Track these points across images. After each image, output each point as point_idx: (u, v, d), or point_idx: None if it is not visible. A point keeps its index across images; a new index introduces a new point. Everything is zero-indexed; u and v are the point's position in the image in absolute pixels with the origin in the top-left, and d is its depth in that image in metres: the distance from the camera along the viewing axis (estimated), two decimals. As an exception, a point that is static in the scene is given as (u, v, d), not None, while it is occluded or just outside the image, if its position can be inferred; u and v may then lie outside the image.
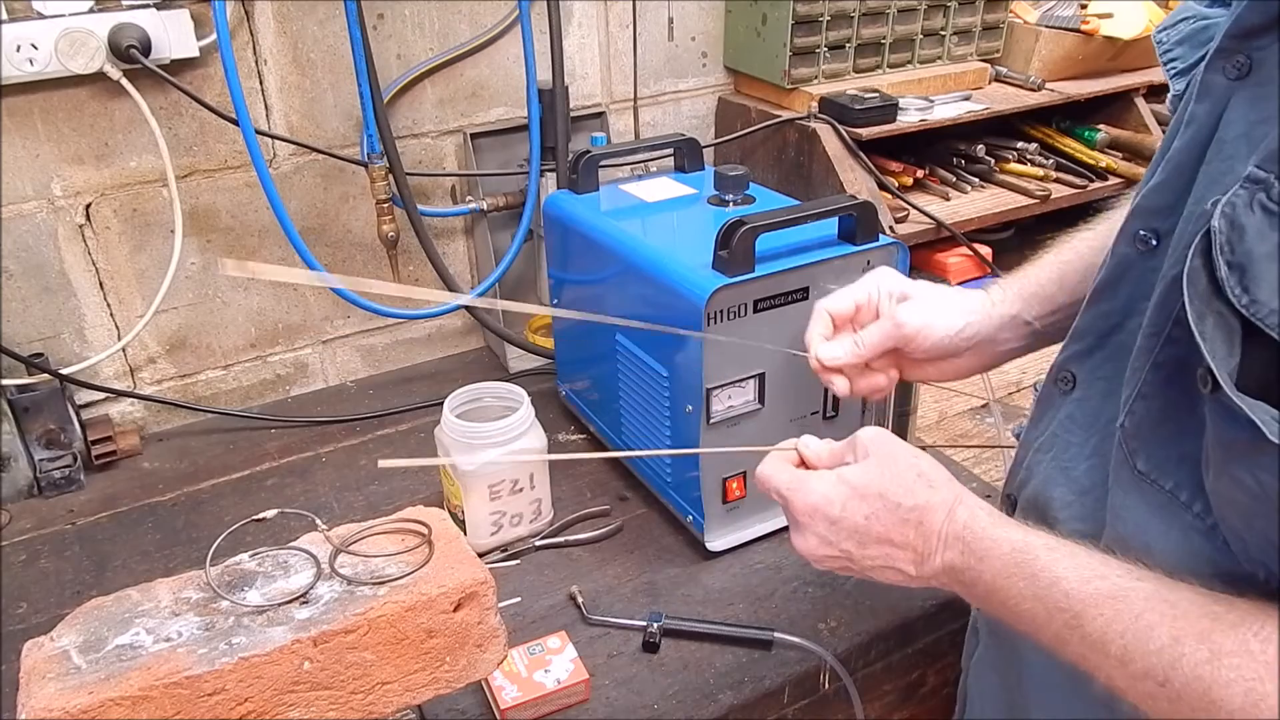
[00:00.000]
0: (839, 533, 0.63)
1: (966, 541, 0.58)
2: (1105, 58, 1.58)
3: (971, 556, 0.58)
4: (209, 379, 1.29)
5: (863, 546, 0.62)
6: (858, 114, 1.33)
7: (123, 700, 0.57)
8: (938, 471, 0.63)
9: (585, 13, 1.36)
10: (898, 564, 0.62)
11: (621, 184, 1.17)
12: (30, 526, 1.08)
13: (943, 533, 0.60)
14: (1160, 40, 0.63)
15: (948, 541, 0.59)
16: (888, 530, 0.61)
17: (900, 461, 0.63)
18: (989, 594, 0.57)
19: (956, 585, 0.60)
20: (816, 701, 0.88)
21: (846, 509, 0.62)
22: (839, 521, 0.63)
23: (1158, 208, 0.56)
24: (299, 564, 0.68)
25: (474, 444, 0.96)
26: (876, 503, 0.62)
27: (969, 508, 0.60)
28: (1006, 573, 0.56)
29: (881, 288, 0.76)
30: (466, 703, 0.82)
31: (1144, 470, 0.55)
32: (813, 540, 0.64)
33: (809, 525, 0.64)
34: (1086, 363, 0.63)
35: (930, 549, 0.60)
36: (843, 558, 0.63)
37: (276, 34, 1.17)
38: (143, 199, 1.16)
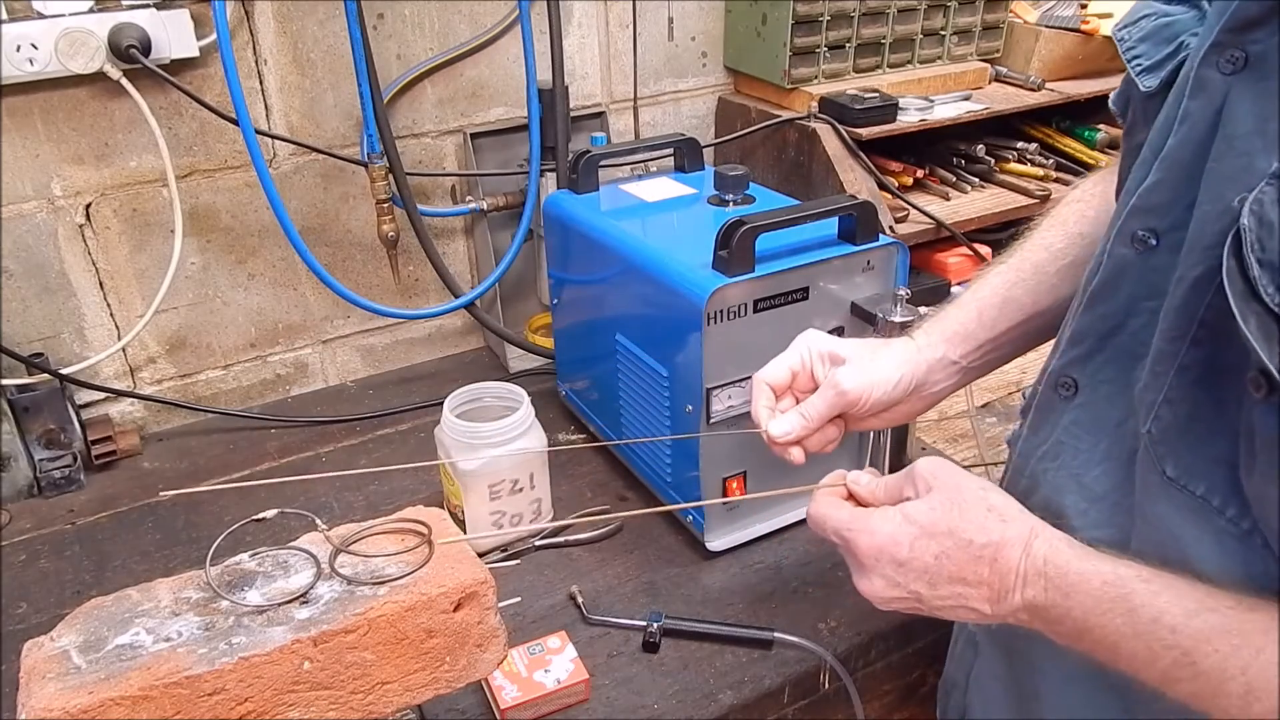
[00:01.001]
0: (907, 574, 0.59)
1: (1049, 577, 0.55)
2: (1105, 58, 1.58)
3: (1056, 593, 0.55)
4: (209, 379, 1.29)
5: (933, 587, 0.59)
6: (858, 114, 1.33)
7: (123, 700, 0.57)
8: (1008, 503, 0.59)
9: (585, 13, 1.36)
10: (971, 603, 0.58)
11: (621, 184, 1.17)
12: (30, 526, 1.08)
13: (1021, 569, 0.56)
14: (1121, 37, 0.63)
15: (1027, 578, 0.56)
16: (960, 569, 0.58)
17: (967, 494, 0.59)
18: (1080, 632, 0.54)
19: (1039, 623, 0.57)
20: (816, 701, 0.88)
21: (915, 549, 0.59)
22: (907, 563, 0.59)
23: (1156, 206, 0.56)
24: (299, 564, 0.68)
25: (474, 444, 0.96)
26: (946, 541, 0.58)
27: (1047, 540, 0.56)
28: (1100, 609, 0.53)
29: (812, 350, 0.77)
30: (466, 703, 0.82)
31: (1173, 476, 0.54)
32: (879, 583, 0.61)
33: (874, 568, 0.61)
34: (1088, 366, 0.63)
35: (1007, 586, 0.57)
36: (912, 599, 0.60)
37: (276, 34, 1.17)
38: (143, 199, 1.16)
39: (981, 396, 1.27)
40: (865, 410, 0.75)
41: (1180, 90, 0.54)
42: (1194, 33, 0.57)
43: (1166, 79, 0.58)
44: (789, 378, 0.76)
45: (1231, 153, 0.49)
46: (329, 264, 1.26)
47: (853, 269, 0.95)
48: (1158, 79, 0.58)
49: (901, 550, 0.59)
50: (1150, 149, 0.57)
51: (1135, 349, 0.58)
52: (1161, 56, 0.59)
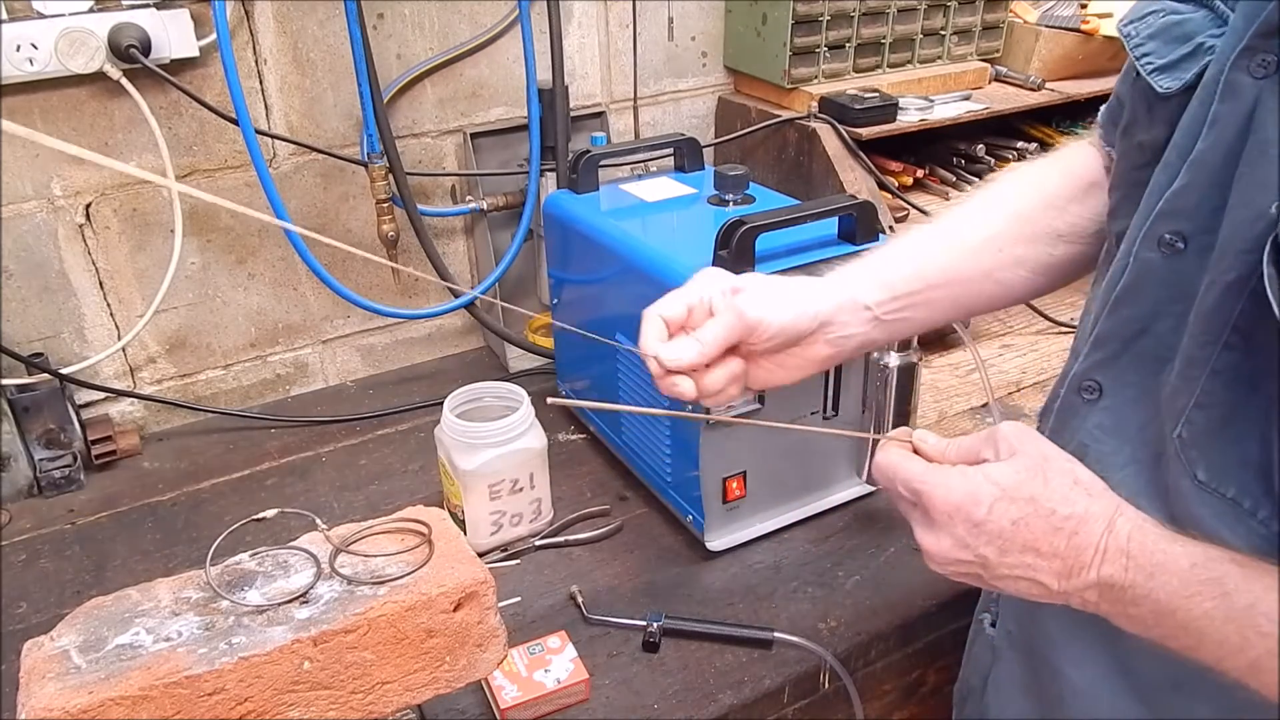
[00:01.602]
0: (980, 536, 0.57)
1: (1132, 555, 0.53)
2: (1105, 58, 1.58)
3: (1139, 573, 0.53)
4: (209, 379, 1.29)
5: (1003, 554, 0.56)
6: (858, 114, 1.33)
7: (123, 700, 0.57)
8: (1094, 480, 0.57)
9: (585, 13, 1.36)
10: (1039, 576, 0.56)
11: (621, 184, 1.17)
12: (30, 526, 1.08)
13: (1102, 545, 0.54)
14: (1128, 33, 0.62)
15: (1107, 554, 0.54)
16: (1035, 538, 0.55)
17: (1054, 464, 0.57)
18: (1160, 615, 0.53)
19: (1110, 604, 0.55)
20: (816, 701, 0.88)
21: (994, 511, 0.56)
22: (982, 524, 0.56)
23: (1184, 210, 0.55)
24: (299, 564, 0.68)
25: (474, 444, 0.96)
26: (1027, 507, 0.56)
27: (1131, 519, 0.55)
28: (1187, 591, 0.51)
29: (713, 285, 0.72)
30: (466, 702, 0.82)
31: (1204, 480, 0.53)
32: (947, 542, 0.58)
33: (946, 525, 0.58)
34: (1112, 369, 0.62)
35: (1083, 562, 0.54)
36: (976, 564, 0.58)
37: (276, 34, 1.17)
38: (143, 199, 1.16)
39: (980, 396, 1.27)
40: (766, 340, 0.69)
41: (1208, 93, 0.54)
42: (1211, 34, 0.57)
43: (1190, 81, 0.57)
44: (684, 313, 0.71)
45: (1264, 159, 0.49)
46: (329, 264, 1.26)
47: (853, 269, 0.95)
48: (1178, 81, 0.58)
49: (979, 510, 0.56)
50: (1176, 152, 0.56)
51: (1161, 352, 0.58)
52: (1177, 57, 0.58)
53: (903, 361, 0.93)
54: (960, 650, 0.98)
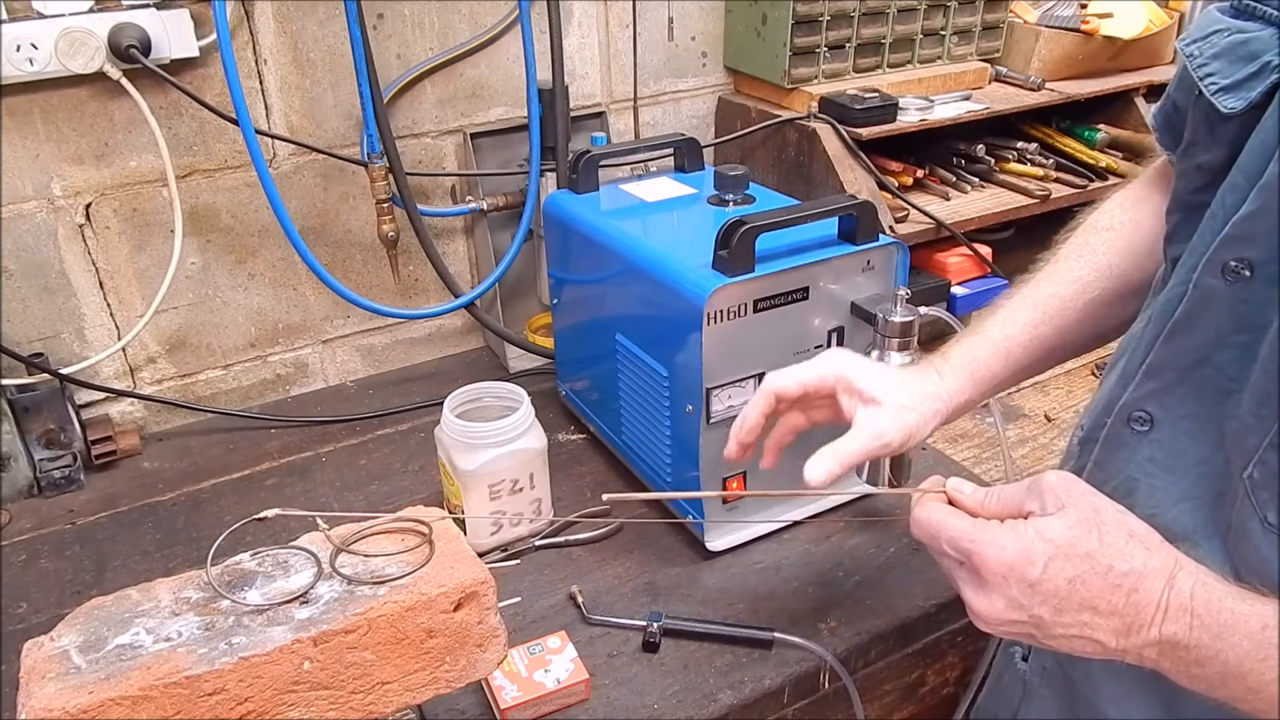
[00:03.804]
0: (1035, 596, 0.54)
1: (1196, 614, 0.51)
2: (1105, 58, 1.58)
3: (1205, 632, 0.51)
4: (209, 379, 1.29)
5: (1059, 613, 0.54)
6: (858, 114, 1.33)
7: (123, 700, 0.57)
8: (1150, 532, 0.55)
9: (585, 13, 1.36)
10: (1097, 634, 0.53)
11: (621, 184, 1.17)
12: (30, 526, 1.08)
13: (1163, 602, 0.52)
14: (1191, 53, 0.60)
15: (1170, 612, 0.51)
16: (1093, 597, 0.53)
17: (1106, 516, 0.55)
18: (1228, 677, 0.51)
19: (1172, 662, 0.52)
20: (816, 701, 0.88)
21: (1049, 570, 0.53)
22: (1038, 585, 0.53)
23: (1253, 236, 0.53)
24: (299, 564, 0.68)
25: (474, 444, 0.96)
26: (1084, 564, 0.53)
27: (1193, 575, 0.52)
28: (1260, 654, 0.49)
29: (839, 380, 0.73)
30: (466, 703, 0.82)
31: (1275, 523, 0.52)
32: (1000, 604, 0.55)
33: (999, 586, 0.55)
34: (1166, 400, 0.60)
35: (1144, 620, 0.52)
36: (1030, 624, 0.55)
37: (276, 34, 1.17)
38: (143, 199, 1.16)
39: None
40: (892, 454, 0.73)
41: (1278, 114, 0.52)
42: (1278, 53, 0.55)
43: (1257, 101, 0.55)
44: (798, 393, 0.73)
45: None
46: (329, 264, 1.26)
47: (853, 269, 0.95)
48: (1243, 101, 0.56)
49: (1034, 570, 0.54)
50: (1243, 174, 0.54)
51: (1223, 384, 0.55)
52: (1242, 76, 0.56)
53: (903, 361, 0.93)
54: (960, 650, 0.98)
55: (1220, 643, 0.50)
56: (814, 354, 0.96)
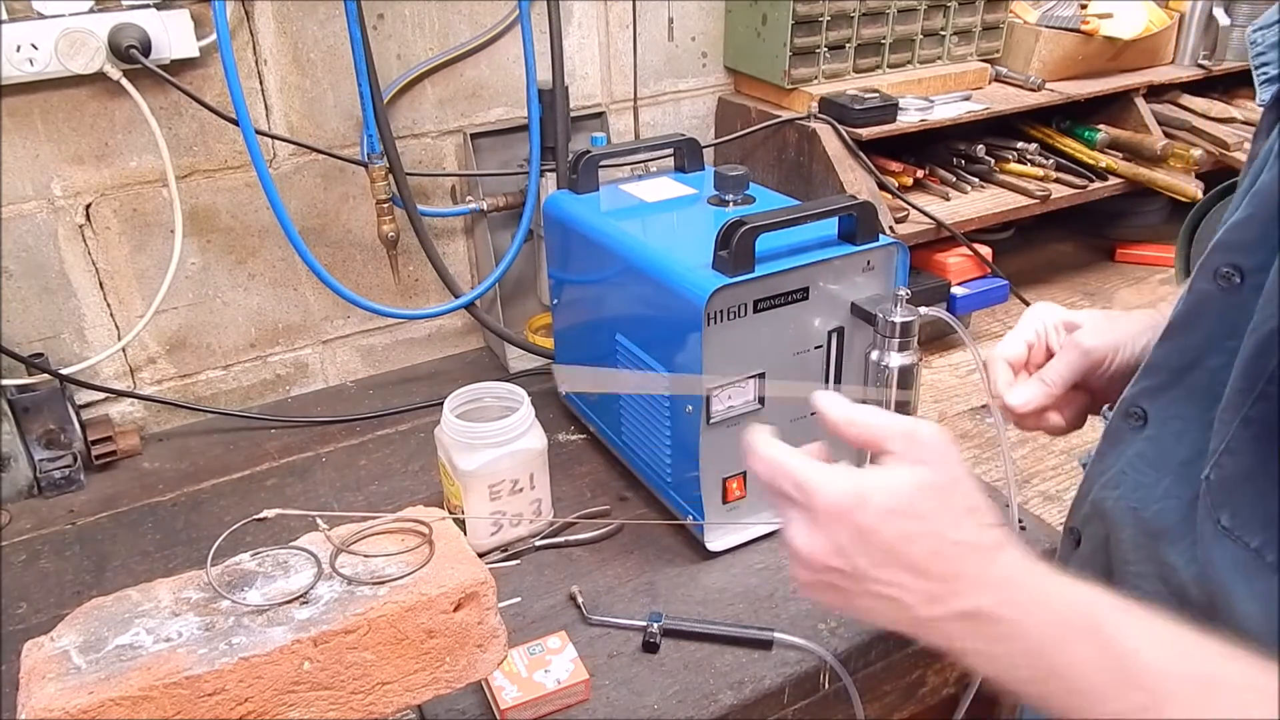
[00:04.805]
0: (862, 545, 0.52)
1: (1008, 590, 0.50)
2: (1105, 58, 1.58)
3: (1015, 608, 0.49)
4: (209, 379, 1.29)
5: (879, 568, 0.52)
6: (858, 114, 1.33)
7: (123, 700, 0.57)
8: (991, 510, 0.54)
9: (585, 13, 1.36)
10: (905, 598, 0.52)
11: (621, 184, 1.17)
12: (30, 526, 1.08)
13: (978, 575, 0.51)
14: (1254, 40, 0.58)
15: (984, 585, 0.50)
16: (917, 559, 0.51)
17: (958, 486, 0.54)
18: (1030, 655, 0.49)
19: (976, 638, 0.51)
20: (816, 701, 0.88)
21: (884, 522, 0.52)
22: (869, 534, 0.52)
23: (1242, 243, 0.53)
24: (299, 564, 0.68)
25: (474, 444, 0.96)
26: (919, 525, 0.52)
27: (1017, 555, 0.52)
28: (1062, 634, 0.48)
29: (1047, 322, 0.72)
30: (466, 703, 0.82)
31: (1228, 526, 0.52)
32: (824, 545, 0.53)
33: (828, 526, 0.53)
34: (1159, 399, 0.60)
35: (956, 590, 0.51)
36: (847, 575, 0.53)
37: (276, 34, 1.17)
38: (143, 199, 1.16)
39: (980, 396, 1.27)
40: (1111, 373, 0.68)
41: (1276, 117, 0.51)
42: None
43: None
44: (1024, 352, 0.72)
45: None
46: (329, 264, 1.26)
47: (853, 269, 0.95)
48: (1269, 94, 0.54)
49: (869, 516, 0.52)
50: (1248, 177, 0.53)
51: (1213, 388, 0.55)
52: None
53: (903, 361, 0.93)
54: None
55: (1028, 619, 0.49)
56: (814, 354, 0.97)
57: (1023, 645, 0.49)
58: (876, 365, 0.94)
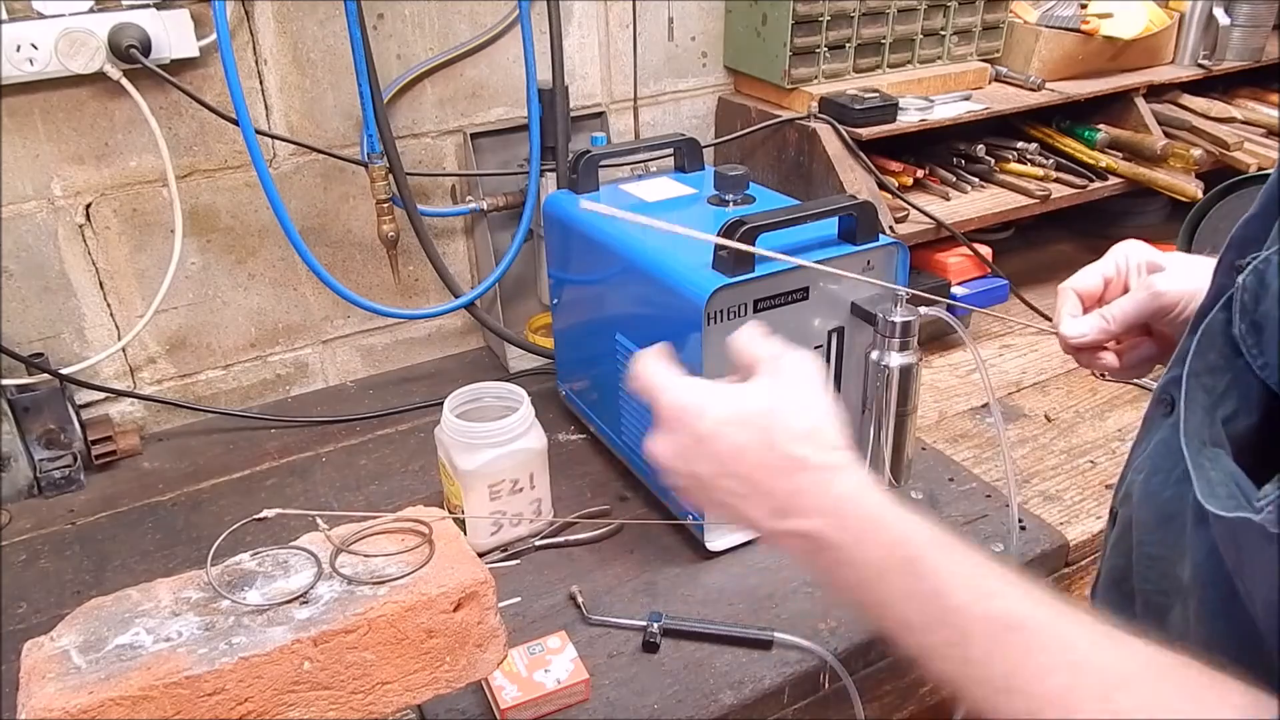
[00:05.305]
0: (699, 450, 0.55)
1: (841, 516, 0.52)
2: (1105, 58, 1.58)
3: (845, 533, 0.51)
4: (209, 379, 1.29)
5: (718, 476, 0.55)
6: (858, 114, 1.33)
7: (123, 700, 0.57)
8: (836, 435, 0.55)
9: (585, 13, 1.36)
10: (747, 508, 0.55)
11: (621, 184, 1.17)
12: (30, 526, 1.08)
13: (815, 497, 0.53)
14: None
15: (817, 508, 0.52)
16: (752, 469, 0.54)
17: (804, 405, 0.55)
18: (859, 583, 0.51)
19: (810, 558, 0.53)
20: (816, 701, 0.88)
21: (718, 430, 0.54)
22: (704, 440, 0.55)
23: (1251, 239, 0.53)
24: (299, 564, 0.68)
25: (474, 444, 0.96)
26: (753, 436, 0.54)
27: (855, 481, 0.53)
28: (882, 565, 0.50)
29: (1130, 260, 0.71)
30: (466, 703, 0.82)
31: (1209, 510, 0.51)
32: (667, 448, 0.57)
33: (669, 430, 0.57)
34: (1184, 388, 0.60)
35: (795, 508, 0.53)
36: (692, 478, 0.56)
37: (276, 34, 1.17)
38: (143, 199, 1.16)
39: (980, 396, 1.27)
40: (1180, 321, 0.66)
41: None
42: None
43: None
44: (1100, 285, 0.70)
45: None
46: (329, 264, 1.26)
47: (853, 269, 0.95)
48: None
49: (703, 424, 0.55)
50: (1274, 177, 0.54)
51: None
52: None
53: (903, 361, 0.93)
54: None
55: (856, 548, 0.51)
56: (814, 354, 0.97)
57: (852, 573, 0.51)
58: (876, 365, 0.94)
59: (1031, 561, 0.98)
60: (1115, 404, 1.26)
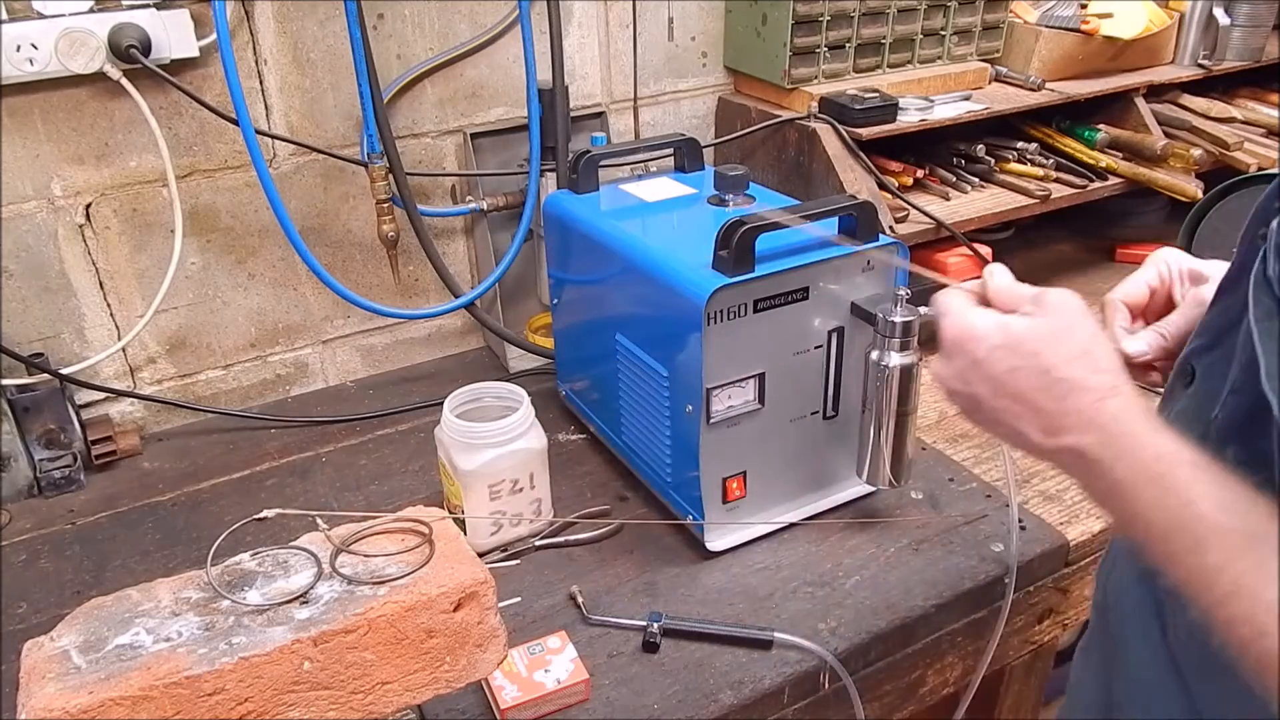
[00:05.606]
0: (976, 373, 0.62)
1: (1110, 433, 0.56)
2: (1105, 58, 1.58)
3: (1108, 450, 0.56)
4: (209, 379, 1.29)
5: (994, 396, 0.62)
6: (858, 114, 1.33)
7: (123, 700, 0.57)
8: (1110, 358, 0.60)
9: (585, 13, 1.36)
10: (1022, 426, 0.60)
11: (621, 184, 1.17)
12: (30, 526, 1.08)
13: (1085, 415, 0.57)
14: None
15: (1087, 425, 0.57)
16: (1024, 391, 0.60)
17: (1076, 332, 0.61)
18: (1112, 491, 0.56)
19: (1078, 472, 0.59)
20: (816, 701, 0.88)
21: (992, 356, 0.61)
22: (980, 364, 0.62)
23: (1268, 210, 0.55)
24: (299, 564, 0.68)
25: (474, 444, 0.96)
26: (1026, 360, 0.60)
27: (1125, 402, 0.57)
28: (1138, 479, 0.54)
29: (1172, 268, 0.73)
30: (466, 703, 0.82)
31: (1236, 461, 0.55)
32: (948, 371, 0.64)
33: (950, 355, 0.64)
34: (1205, 358, 0.63)
35: (1064, 425, 0.58)
36: (970, 399, 0.63)
37: (276, 34, 1.17)
38: (143, 199, 1.16)
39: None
40: None
41: None
42: None
43: None
44: (1146, 296, 0.73)
45: None
46: (329, 264, 1.26)
47: (853, 269, 0.95)
48: None
49: (980, 349, 0.62)
50: None
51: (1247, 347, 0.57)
52: None
53: (903, 361, 0.93)
54: (960, 650, 0.98)
55: (1117, 462, 0.55)
56: (814, 354, 0.97)
57: (1108, 484, 0.56)
58: (876, 365, 0.94)
59: (1031, 561, 0.98)
60: (1115, 404, 1.25)
